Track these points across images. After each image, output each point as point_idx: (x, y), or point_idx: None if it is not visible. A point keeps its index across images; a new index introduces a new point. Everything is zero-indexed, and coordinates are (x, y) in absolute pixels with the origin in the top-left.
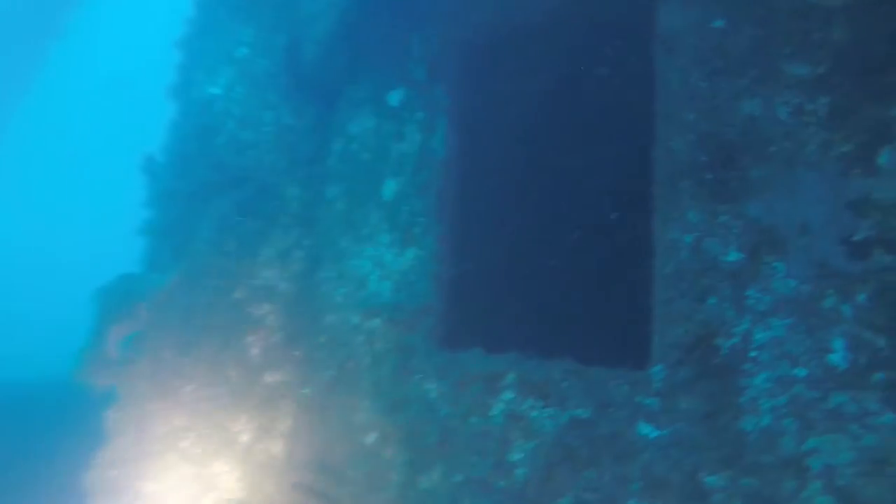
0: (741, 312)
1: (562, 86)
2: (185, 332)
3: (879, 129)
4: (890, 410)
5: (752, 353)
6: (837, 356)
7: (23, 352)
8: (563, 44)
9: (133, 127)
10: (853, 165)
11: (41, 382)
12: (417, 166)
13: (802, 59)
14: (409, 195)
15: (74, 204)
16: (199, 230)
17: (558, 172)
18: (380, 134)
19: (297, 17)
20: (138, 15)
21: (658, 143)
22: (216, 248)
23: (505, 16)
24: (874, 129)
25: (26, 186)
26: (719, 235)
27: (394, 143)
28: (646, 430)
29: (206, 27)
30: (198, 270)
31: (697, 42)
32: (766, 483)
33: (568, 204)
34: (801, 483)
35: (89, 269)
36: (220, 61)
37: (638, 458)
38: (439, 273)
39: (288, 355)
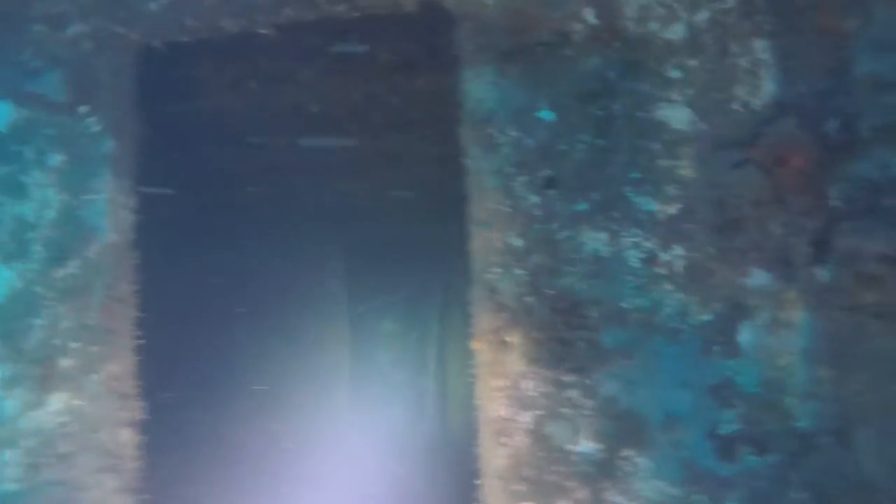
0: None
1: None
2: None
3: (737, 301)
4: None
5: None
6: None
7: None
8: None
9: None
10: (713, 341)
11: None
12: (56, 250)
13: (651, 191)
14: (42, 301)
15: None
16: None
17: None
18: None
19: None
20: None
21: (473, 276)
22: None
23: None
24: (731, 298)
25: None
26: (567, 417)
27: (5, 198)
28: None
29: None
30: None
31: (520, 137)
32: None
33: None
34: None
35: None
36: None
37: None
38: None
39: None
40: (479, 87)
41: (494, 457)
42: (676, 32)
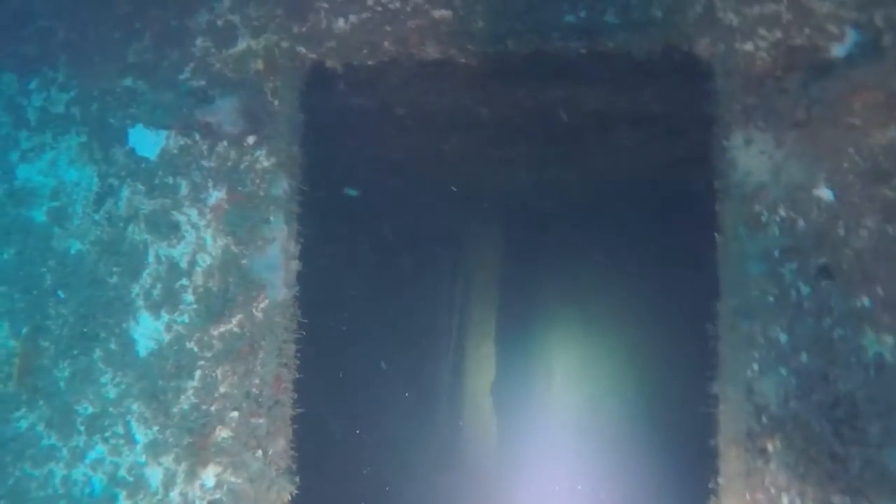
0: None
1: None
2: None
3: None
4: None
5: None
6: None
7: None
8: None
9: None
10: None
11: None
12: (214, 303)
13: None
14: (196, 360)
15: None
16: None
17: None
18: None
19: None
20: None
21: (725, 371)
22: None
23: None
24: None
25: None
26: None
27: (153, 237)
28: None
29: None
30: None
31: (793, 217)
32: None
33: None
34: None
35: None
36: None
37: None
38: None
39: None
40: (748, 155)
41: None
42: None
